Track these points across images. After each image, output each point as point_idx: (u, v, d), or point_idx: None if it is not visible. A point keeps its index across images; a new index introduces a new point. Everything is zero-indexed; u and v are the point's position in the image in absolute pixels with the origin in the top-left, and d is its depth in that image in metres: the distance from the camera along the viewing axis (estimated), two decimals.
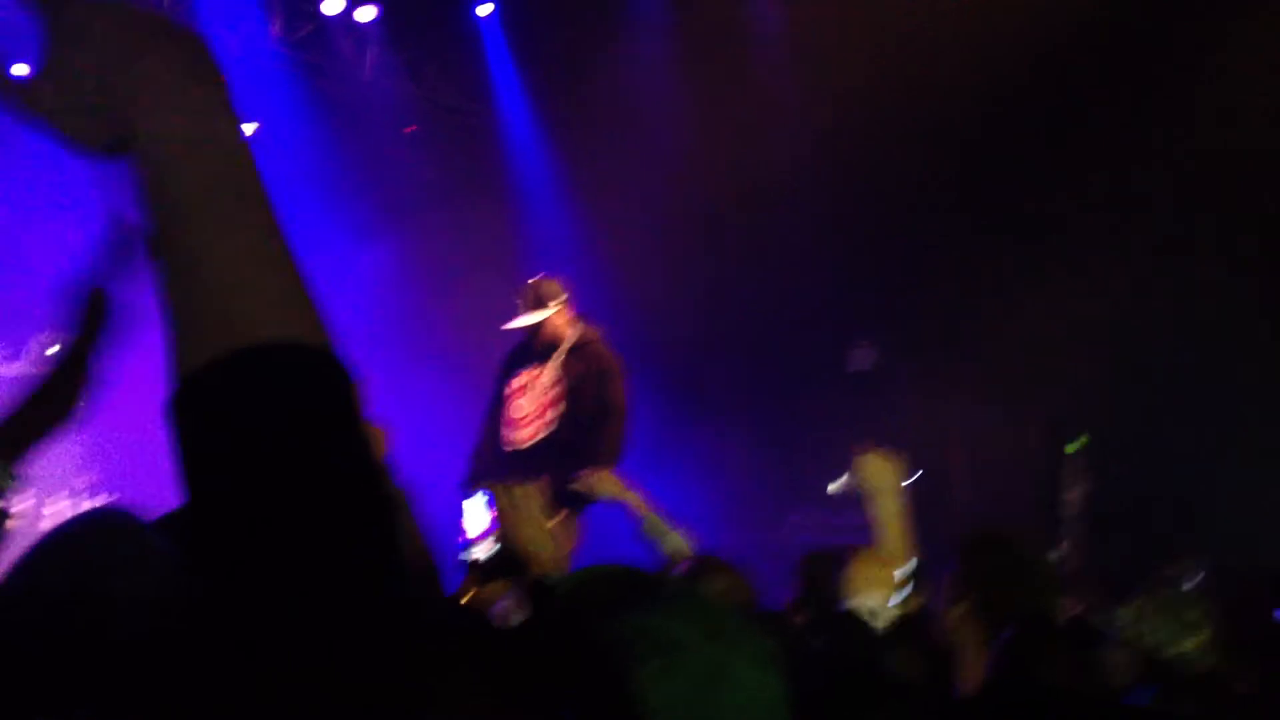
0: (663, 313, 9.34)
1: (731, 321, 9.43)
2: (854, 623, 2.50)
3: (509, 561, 2.18)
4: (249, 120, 9.75)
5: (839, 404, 9.27)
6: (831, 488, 9.22)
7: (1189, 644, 2.71)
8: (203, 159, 0.92)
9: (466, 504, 2.23)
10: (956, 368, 8.63)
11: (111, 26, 0.93)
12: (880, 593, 2.60)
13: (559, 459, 5.95)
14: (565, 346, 6.28)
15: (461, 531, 2.26)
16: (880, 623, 2.55)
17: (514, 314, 6.41)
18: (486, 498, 2.22)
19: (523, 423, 6.29)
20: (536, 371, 6.30)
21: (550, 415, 6.29)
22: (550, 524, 2.23)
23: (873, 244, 8.98)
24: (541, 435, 6.30)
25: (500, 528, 2.19)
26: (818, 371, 9.51)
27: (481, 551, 2.22)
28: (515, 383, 6.34)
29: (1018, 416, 8.61)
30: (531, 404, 6.29)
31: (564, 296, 6.38)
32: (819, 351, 9.58)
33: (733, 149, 8.88)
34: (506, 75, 9.87)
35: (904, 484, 2.68)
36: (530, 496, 2.21)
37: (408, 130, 9.82)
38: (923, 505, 8.64)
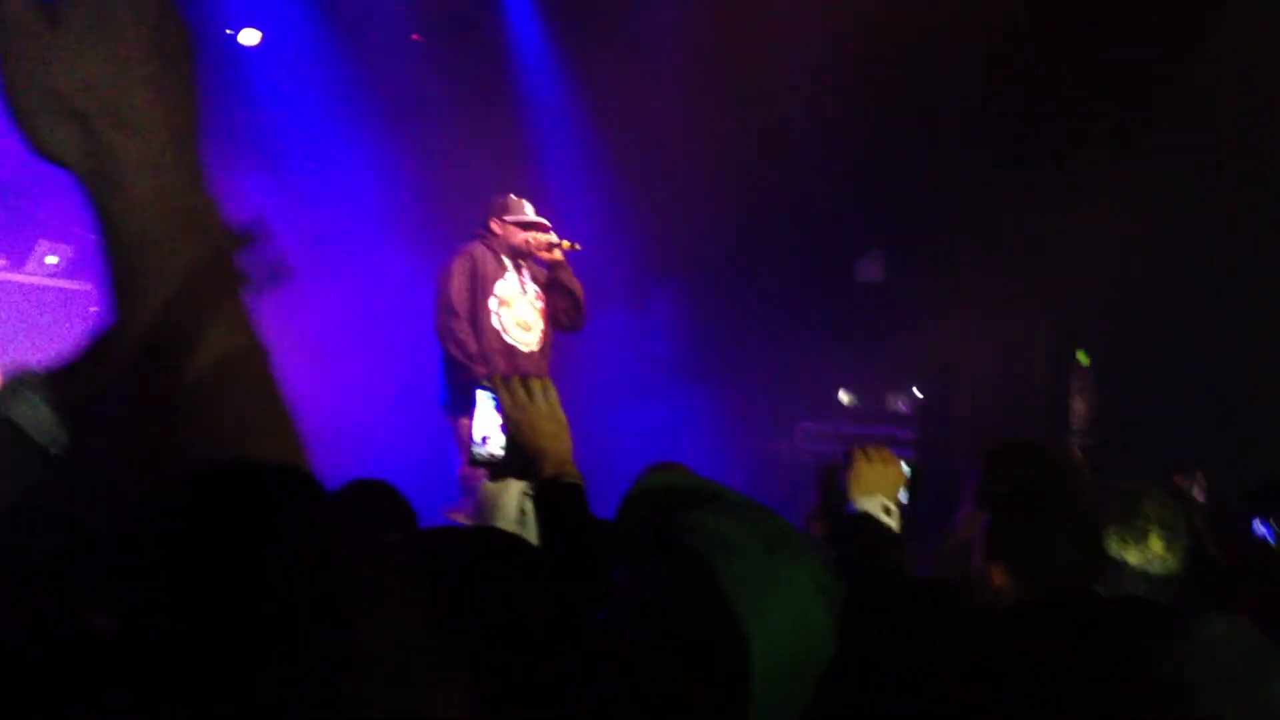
0: (674, 232, 9.30)
1: (745, 237, 9.38)
2: (868, 524, 2.44)
3: (520, 459, 2.14)
4: (253, 27, 9.67)
5: (850, 316, 9.25)
6: (842, 397, 9.28)
7: (1133, 551, 2.66)
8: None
9: (478, 401, 2.19)
10: (966, 281, 8.61)
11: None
12: (889, 489, 2.52)
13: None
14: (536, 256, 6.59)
15: (470, 431, 2.23)
16: (895, 521, 2.49)
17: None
18: (493, 396, 2.17)
19: (524, 326, 6.48)
20: (517, 280, 6.50)
21: (544, 320, 6.60)
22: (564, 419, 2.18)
23: (884, 158, 8.91)
24: (543, 340, 6.57)
25: (512, 424, 2.14)
26: (830, 284, 9.49)
27: (495, 449, 2.18)
28: (500, 290, 6.46)
29: (1027, 329, 8.61)
30: (529, 310, 6.53)
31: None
32: (831, 264, 9.55)
33: (746, 69, 8.77)
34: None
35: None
36: (549, 390, 2.16)
37: (413, 38, 9.70)
38: (933, 417, 8.78)
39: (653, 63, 8.99)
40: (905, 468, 2.57)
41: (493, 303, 6.39)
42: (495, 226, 6.57)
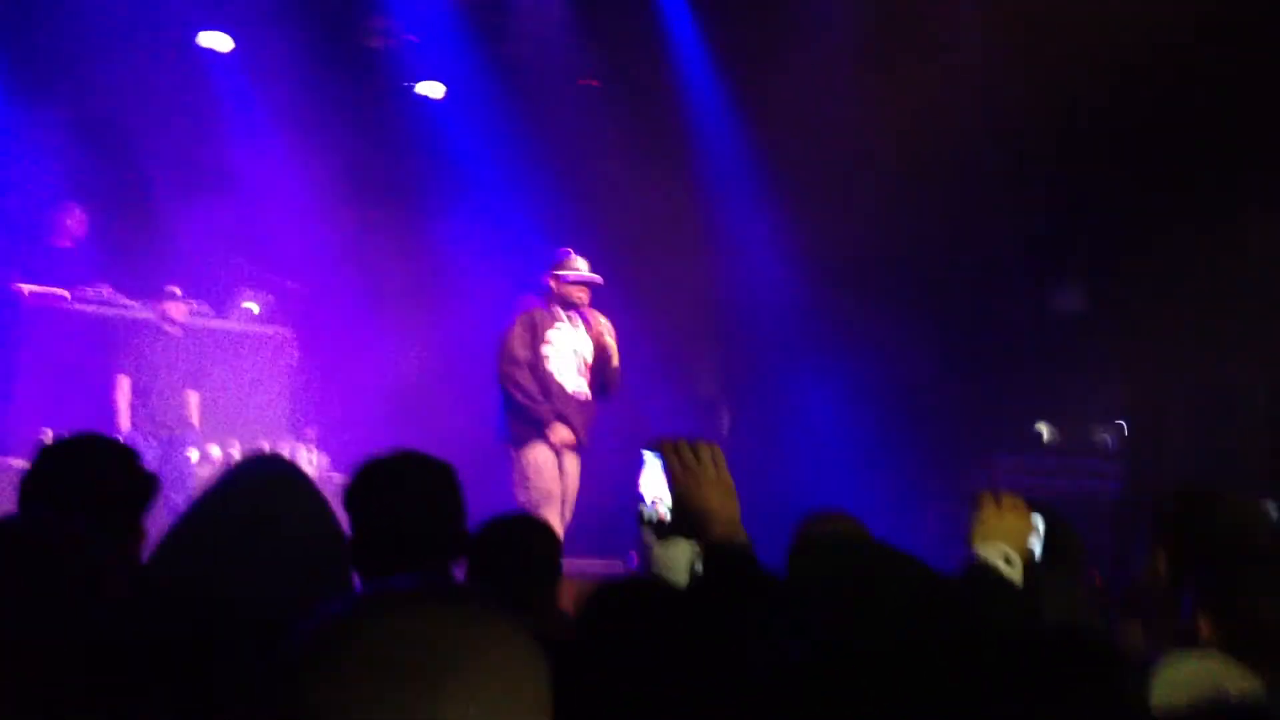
0: (860, 262, 9.15)
1: (938, 266, 9.16)
2: (985, 573, 2.30)
3: (687, 521, 2.12)
4: (437, 80, 10.03)
5: (1050, 347, 8.94)
6: (1042, 430, 8.95)
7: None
8: None
9: (646, 461, 2.19)
10: (1176, 308, 8.19)
11: None
12: (1015, 538, 2.37)
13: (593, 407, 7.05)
14: (582, 308, 7.05)
15: (638, 489, 2.24)
16: (1017, 573, 2.32)
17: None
18: (659, 458, 2.16)
19: (567, 374, 6.95)
20: (565, 329, 7.00)
21: (589, 367, 7.07)
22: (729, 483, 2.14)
23: (1081, 181, 8.59)
24: (586, 388, 7.04)
25: (679, 487, 2.11)
26: (1027, 313, 9.19)
27: (663, 510, 2.18)
28: (553, 338, 6.97)
29: (1245, 362, 8.15)
30: (578, 360, 7.02)
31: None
32: (1028, 293, 9.25)
33: (928, 91, 8.56)
34: (687, 37, 9.87)
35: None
36: (717, 454, 2.13)
37: (583, 83, 9.93)
38: (1140, 452, 8.39)
39: (827, 88, 8.90)
40: (1038, 519, 2.39)
41: (546, 348, 6.93)
42: (550, 281, 7.02)
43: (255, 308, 9.30)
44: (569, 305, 7.01)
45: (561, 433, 6.76)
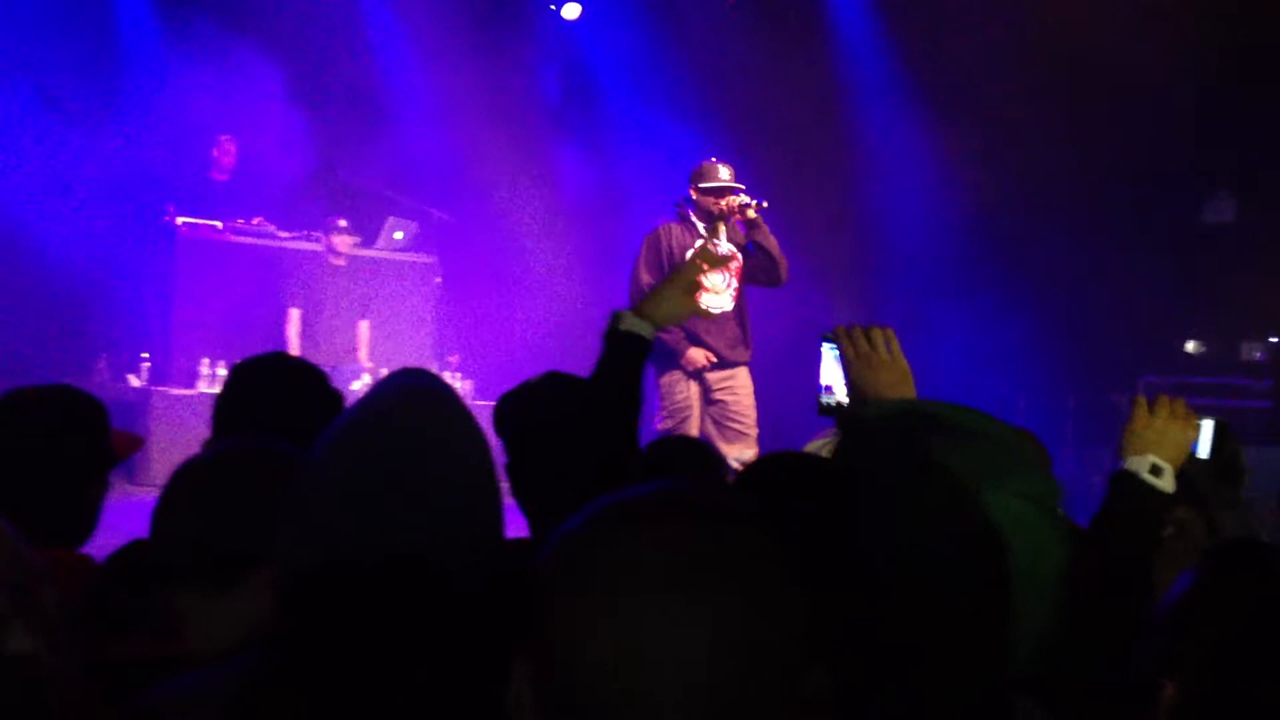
0: (1006, 176, 8.99)
1: (1085, 180, 8.94)
2: (1128, 484, 2.20)
3: (860, 405, 2.14)
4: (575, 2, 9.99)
5: (1199, 261, 8.72)
6: (1189, 346, 8.74)
7: None
8: None
9: (823, 352, 2.23)
10: None
11: None
12: (1169, 449, 2.24)
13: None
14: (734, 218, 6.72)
15: (818, 379, 2.27)
16: (1167, 483, 2.22)
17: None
18: (835, 348, 2.20)
19: (714, 291, 6.69)
20: (713, 242, 6.71)
21: (738, 280, 6.80)
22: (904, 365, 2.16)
23: (1231, 88, 8.31)
24: (736, 299, 6.79)
25: (853, 372, 2.14)
26: (1177, 227, 8.96)
27: (840, 397, 2.22)
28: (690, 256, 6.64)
29: None
30: (718, 274, 6.73)
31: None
32: (1177, 206, 9.01)
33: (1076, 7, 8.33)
34: None
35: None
36: (891, 339, 2.15)
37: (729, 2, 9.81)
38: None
39: (978, 4, 8.72)
40: (1206, 424, 2.30)
41: None
42: (692, 193, 6.75)
43: (400, 235, 9.47)
44: (713, 219, 6.70)
45: (695, 356, 6.55)
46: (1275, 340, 8.52)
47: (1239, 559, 1.59)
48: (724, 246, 6.74)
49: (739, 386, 6.65)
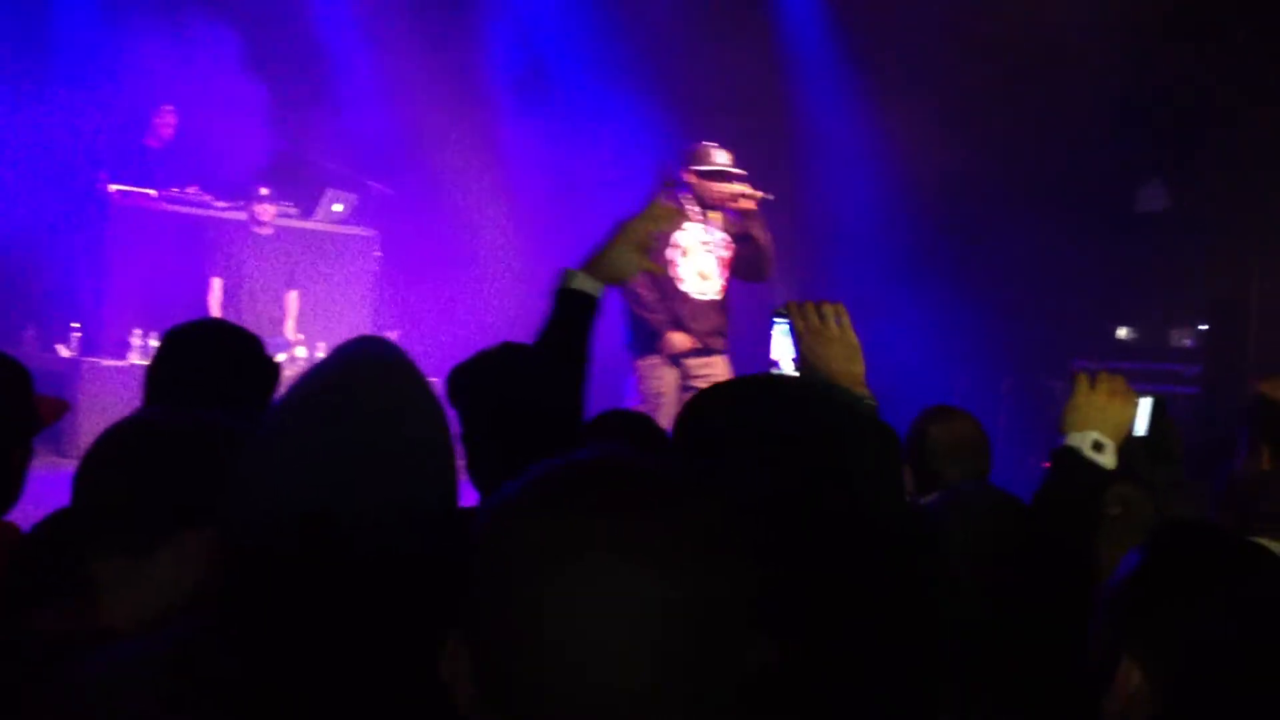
0: (934, 156, 9.03)
1: (1015, 164, 9.02)
2: (1069, 459, 2.24)
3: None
4: None
5: (1130, 248, 8.82)
6: (1120, 332, 8.85)
7: None
8: None
9: (774, 328, 2.22)
10: (1258, 208, 8.05)
11: None
12: (1109, 426, 2.27)
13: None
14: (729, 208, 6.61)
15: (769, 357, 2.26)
16: (1108, 459, 2.26)
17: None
18: (786, 324, 2.19)
19: (703, 276, 6.63)
20: (701, 230, 6.60)
21: (726, 269, 6.70)
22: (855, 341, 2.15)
23: (1164, 76, 8.41)
24: (724, 289, 6.71)
25: (804, 348, 2.14)
26: (1108, 214, 9.05)
27: (788, 371, 2.21)
28: (680, 240, 6.58)
29: None
30: (709, 260, 6.64)
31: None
32: (1108, 193, 9.10)
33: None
34: None
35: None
36: (842, 314, 2.14)
37: None
38: (1221, 353, 8.30)
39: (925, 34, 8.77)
40: (1145, 402, 2.34)
41: (672, 253, 6.52)
42: (688, 177, 6.58)
43: (340, 208, 9.38)
44: (708, 204, 6.57)
45: (677, 340, 6.45)
46: (1204, 328, 8.66)
47: (1194, 538, 1.59)
48: (716, 235, 6.63)
49: (717, 375, 6.50)
